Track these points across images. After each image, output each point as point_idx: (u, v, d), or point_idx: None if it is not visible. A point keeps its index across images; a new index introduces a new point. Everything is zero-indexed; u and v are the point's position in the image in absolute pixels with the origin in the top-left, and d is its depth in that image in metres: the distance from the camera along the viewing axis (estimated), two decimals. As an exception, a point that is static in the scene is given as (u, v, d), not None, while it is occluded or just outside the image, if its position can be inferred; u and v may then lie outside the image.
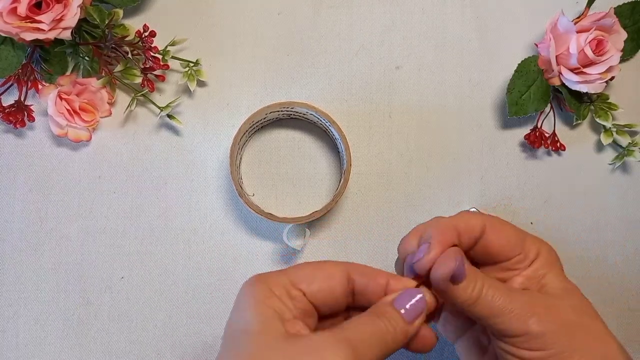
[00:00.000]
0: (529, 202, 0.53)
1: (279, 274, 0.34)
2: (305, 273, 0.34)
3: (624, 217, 0.53)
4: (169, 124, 0.52)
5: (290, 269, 0.35)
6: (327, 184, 0.52)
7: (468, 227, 0.36)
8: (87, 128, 0.50)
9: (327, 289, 0.34)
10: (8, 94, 0.49)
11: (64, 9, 0.45)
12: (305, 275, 0.34)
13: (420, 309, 0.34)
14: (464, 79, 0.53)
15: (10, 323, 0.50)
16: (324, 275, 0.34)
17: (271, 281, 0.33)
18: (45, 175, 0.51)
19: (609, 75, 0.50)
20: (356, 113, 0.53)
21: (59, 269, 0.51)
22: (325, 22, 0.53)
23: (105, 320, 0.51)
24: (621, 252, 0.53)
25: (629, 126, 0.52)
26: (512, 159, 0.53)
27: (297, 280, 0.34)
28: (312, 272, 0.34)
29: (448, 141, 0.53)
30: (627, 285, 0.53)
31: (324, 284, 0.34)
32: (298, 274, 0.34)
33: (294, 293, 0.33)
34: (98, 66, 0.49)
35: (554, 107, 0.53)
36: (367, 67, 0.53)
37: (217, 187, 0.52)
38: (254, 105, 0.52)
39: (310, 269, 0.35)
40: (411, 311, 0.34)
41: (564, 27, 0.49)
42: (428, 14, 0.54)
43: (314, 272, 0.34)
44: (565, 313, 0.35)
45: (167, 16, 0.53)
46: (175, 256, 0.51)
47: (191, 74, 0.51)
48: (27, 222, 0.51)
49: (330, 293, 0.34)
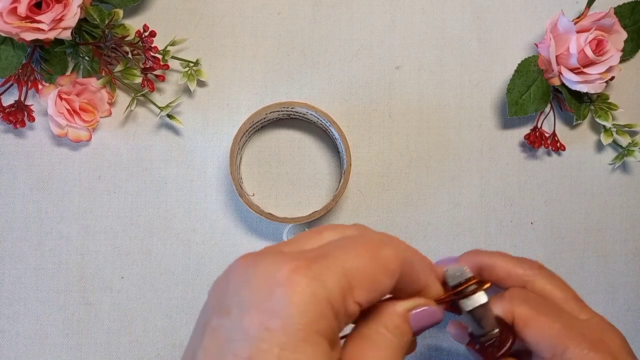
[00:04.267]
0: (529, 202, 0.53)
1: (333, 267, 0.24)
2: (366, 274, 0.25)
3: (624, 217, 0.53)
4: (169, 124, 0.52)
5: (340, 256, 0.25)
6: (327, 184, 0.52)
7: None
8: (87, 128, 0.50)
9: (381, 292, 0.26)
10: (8, 94, 0.49)
11: (64, 9, 0.45)
12: (366, 278, 0.25)
13: (428, 328, 0.29)
14: (464, 79, 0.53)
15: (10, 323, 0.50)
16: (383, 272, 0.26)
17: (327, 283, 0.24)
18: (45, 175, 0.51)
19: (609, 75, 0.50)
20: (356, 113, 0.53)
21: (59, 269, 0.51)
22: (325, 22, 0.53)
23: (105, 320, 0.51)
24: (621, 252, 0.53)
25: (629, 126, 0.52)
26: (512, 159, 0.53)
27: (357, 287, 0.25)
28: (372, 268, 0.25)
29: (448, 141, 0.53)
30: (628, 286, 0.53)
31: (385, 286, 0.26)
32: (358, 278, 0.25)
33: (351, 309, 0.24)
34: (98, 66, 0.49)
35: (554, 107, 0.53)
36: (367, 67, 0.53)
37: (217, 187, 0.52)
38: (254, 105, 0.52)
39: (365, 261, 0.25)
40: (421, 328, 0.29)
41: (564, 27, 0.49)
42: (428, 14, 0.54)
43: (373, 269, 0.25)
44: None
45: (167, 16, 0.53)
46: (175, 256, 0.51)
47: (191, 74, 0.51)
48: (27, 222, 0.51)
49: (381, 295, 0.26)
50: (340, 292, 0.24)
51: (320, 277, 0.24)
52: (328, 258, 0.25)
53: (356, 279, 0.25)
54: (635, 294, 0.53)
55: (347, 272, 0.24)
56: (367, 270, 0.25)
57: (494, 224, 0.53)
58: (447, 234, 0.52)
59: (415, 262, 0.28)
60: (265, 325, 0.23)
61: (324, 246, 0.26)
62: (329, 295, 0.23)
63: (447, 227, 0.53)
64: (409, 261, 0.27)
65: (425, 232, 0.52)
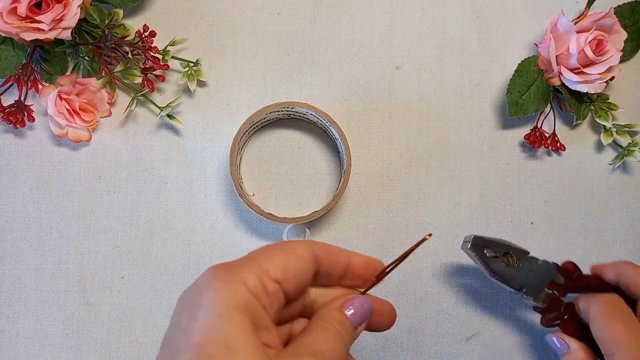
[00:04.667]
0: (529, 202, 0.53)
1: (250, 263, 0.30)
2: (275, 259, 0.30)
3: (624, 217, 0.53)
4: (169, 124, 0.52)
5: (258, 256, 0.31)
6: (327, 184, 0.52)
7: None
8: (87, 128, 0.50)
9: (302, 276, 0.31)
10: (8, 94, 0.49)
11: (64, 9, 0.45)
12: (277, 261, 0.30)
13: (366, 316, 0.33)
14: (464, 79, 0.53)
15: (10, 323, 0.50)
16: (297, 260, 0.31)
17: (244, 275, 0.29)
18: (45, 175, 0.51)
19: (609, 75, 0.50)
20: (356, 113, 0.53)
21: (59, 269, 0.51)
22: (325, 22, 0.53)
23: (105, 320, 0.51)
24: (622, 252, 0.53)
25: (629, 126, 0.52)
26: (512, 159, 0.53)
27: (272, 270, 0.30)
28: (282, 256, 0.31)
29: (448, 141, 0.53)
30: (627, 285, 0.53)
31: (300, 270, 0.31)
32: (271, 261, 0.30)
33: (271, 288, 0.30)
34: (98, 66, 0.49)
35: (554, 107, 0.53)
36: (367, 67, 0.53)
37: (217, 187, 0.52)
38: (254, 105, 0.52)
39: (281, 254, 0.31)
40: (358, 317, 0.33)
41: (564, 27, 0.49)
42: (428, 14, 0.54)
43: (284, 256, 0.31)
44: None
45: (167, 16, 0.53)
46: (175, 256, 0.51)
47: (191, 74, 0.51)
48: (27, 222, 0.51)
49: (305, 279, 0.32)
50: (256, 277, 0.29)
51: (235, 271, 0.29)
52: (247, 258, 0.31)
53: (271, 266, 0.30)
54: (635, 294, 0.53)
55: (262, 263, 0.30)
56: (280, 258, 0.31)
57: (494, 224, 0.53)
58: (447, 234, 0.52)
59: (330, 248, 0.33)
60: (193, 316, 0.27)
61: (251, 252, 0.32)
62: (245, 281, 0.28)
63: (447, 227, 0.52)
64: (323, 249, 0.33)
65: (426, 232, 0.52)
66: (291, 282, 0.31)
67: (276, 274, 0.30)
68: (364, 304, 0.33)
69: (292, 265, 0.31)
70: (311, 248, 0.32)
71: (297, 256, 0.31)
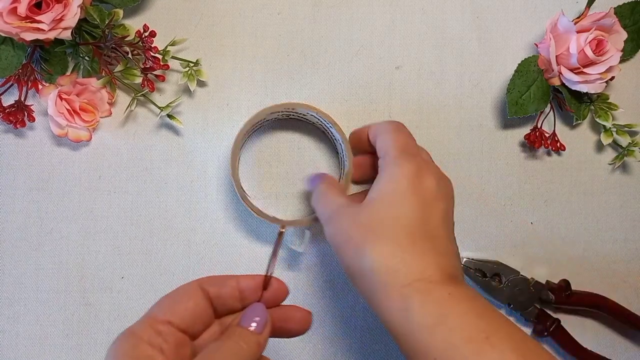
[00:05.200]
0: (529, 202, 0.53)
1: (141, 318, 0.35)
2: (163, 304, 0.35)
3: (624, 217, 0.53)
4: (169, 124, 0.52)
5: (152, 307, 0.35)
6: (327, 184, 0.52)
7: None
8: (87, 128, 0.50)
9: (192, 310, 0.35)
10: (8, 94, 0.49)
11: (64, 9, 0.45)
12: (165, 305, 0.35)
13: (264, 319, 0.36)
14: (464, 79, 0.53)
15: (10, 323, 0.50)
16: (181, 298, 0.35)
17: (135, 328, 0.34)
18: (45, 175, 0.51)
19: (609, 75, 0.50)
20: (356, 113, 0.53)
21: (59, 269, 0.51)
22: (325, 22, 0.53)
23: (105, 320, 0.51)
24: (622, 252, 0.53)
25: (629, 126, 0.52)
26: (512, 159, 0.53)
27: (159, 314, 0.34)
28: (170, 300, 0.35)
29: (448, 141, 0.53)
30: (628, 286, 0.53)
31: (188, 306, 0.35)
32: (158, 308, 0.35)
33: (160, 328, 0.34)
34: (98, 66, 0.49)
35: (554, 107, 0.53)
36: (367, 67, 0.53)
37: (217, 187, 0.52)
38: (254, 105, 0.52)
39: (166, 299, 0.36)
40: (258, 323, 0.36)
41: (564, 27, 0.49)
42: (428, 14, 0.54)
43: (171, 299, 0.35)
44: None
45: (167, 16, 0.52)
46: (175, 256, 0.51)
47: (191, 74, 0.51)
48: (27, 222, 0.51)
49: (196, 313, 0.35)
50: (146, 325, 0.34)
51: (131, 328, 0.34)
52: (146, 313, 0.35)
53: (159, 310, 0.35)
54: (635, 294, 0.53)
55: (151, 312, 0.35)
56: (167, 302, 0.35)
57: (494, 224, 0.53)
58: (447, 234, 0.52)
59: (216, 278, 0.37)
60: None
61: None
62: (134, 330, 0.33)
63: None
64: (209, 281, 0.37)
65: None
66: (183, 318, 0.35)
67: (164, 315, 0.34)
68: (255, 309, 0.36)
69: (179, 303, 0.35)
70: (197, 283, 0.36)
71: (182, 296, 0.36)
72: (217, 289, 0.37)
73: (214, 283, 0.37)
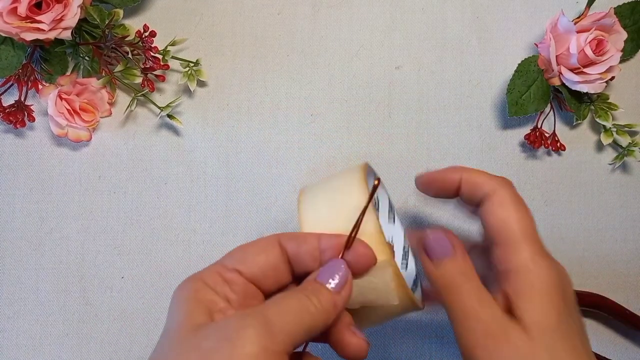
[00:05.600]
0: (529, 202, 0.53)
1: (212, 264, 0.33)
2: (238, 254, 0.34)
3: (624, 217, 0.53)
4: (169, 124, 0.52)
5: (224, 256, 0.34)
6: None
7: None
8: (87, 128, 0.50)
9: (263, 263, 0.33)
10: (8, 94, 0.49)
11: (64, 9, 0.45)
12: (239, 255, 0.33)
13: (345, 277, 0.32)
14: (464, 79, 0.53)
15: (10, 323, 0.50)
16: (256, 250, 0.34)
17: (203, 274, 0.32)
18: (45, 175, 0.51)
19: (609, 75, 0.50)
20: (356, 113, 0.53)
21: (59, 269, 0.51)
22: (325, 22, 0.53)
23: (105, 320, 0.51)
24: (621, 252, 0.53)
25: (629, 126, 0.52)
26: (512, 159, 0.53)
27: (230, 263, 0.33)
28: (244, 251, 0.34)
29: (448, 141, 0.53)
30: (628, 286, 0.53)
31: (259, 258, 0.33)
32: (231, 257, 0.34)
33: (228, 276, 0.32)
34: (98, 66, 0.49)
35: (554, 107, 0.53)
36: (367, 67, 0.53)
37: (217, 187, 0.52)
38: (254, 105, 0.52)
39: (241, 249, 0.34)
40: (338, 281, 0.32)
41: (564, 27, 0.49)
42: (428, 14, 0.54)
43: (245, 250, 0.34)
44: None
45: (167, 16, 0.53)
46: (175, 256, 0.51)
47: (191, 74, 0.51)
48: (27, 222, 0.51)
49: (268, 266, 0.33)
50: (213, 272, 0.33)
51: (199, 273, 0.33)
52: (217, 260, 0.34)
53: (229, 260, 0.33)
54: (635, 294, 0.53)
55: (222, 260, 0.34)
56: (239, 252, 0.34)
57: (494, 224, 0.53)
58: (447, 234, 0.52)
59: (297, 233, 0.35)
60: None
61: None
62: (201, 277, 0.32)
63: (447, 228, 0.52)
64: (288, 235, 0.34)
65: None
66: (253, 269, 0.33)
67: (233, 264, 0.33)
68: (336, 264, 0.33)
69: (251, 255, 0.33)
70: (276, 238, 0.34)
71: (258, 248, 0.34)
72: (295, 245, 0.34)
73: (294, 238, 0.34)
